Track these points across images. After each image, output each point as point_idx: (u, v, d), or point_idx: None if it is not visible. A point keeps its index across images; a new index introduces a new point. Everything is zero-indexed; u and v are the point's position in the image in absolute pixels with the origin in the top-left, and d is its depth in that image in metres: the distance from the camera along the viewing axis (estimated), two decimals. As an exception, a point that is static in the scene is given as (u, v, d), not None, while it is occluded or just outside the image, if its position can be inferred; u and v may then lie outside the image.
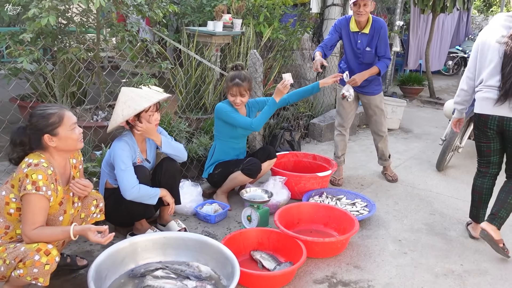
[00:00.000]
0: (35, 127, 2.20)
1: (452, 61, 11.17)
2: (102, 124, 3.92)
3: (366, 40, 3.88)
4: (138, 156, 2.95)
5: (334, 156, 4.37)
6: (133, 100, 2.78)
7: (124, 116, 2.76)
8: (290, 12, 6.61)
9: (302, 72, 6.46)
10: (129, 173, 2.74)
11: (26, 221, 2.13)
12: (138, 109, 2.77)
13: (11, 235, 2.22)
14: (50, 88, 4.37)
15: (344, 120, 4.25)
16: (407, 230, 3.43)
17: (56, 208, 2.29)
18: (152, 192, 2.79)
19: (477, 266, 2.98)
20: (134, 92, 2.85)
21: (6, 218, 2.21)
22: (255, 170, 3.54)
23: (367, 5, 3.70)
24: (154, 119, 2.87)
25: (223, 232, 3.24)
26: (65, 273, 2.61)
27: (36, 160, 2.18)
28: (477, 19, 14.42)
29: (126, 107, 2.77)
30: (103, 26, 4.18)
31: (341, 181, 4.27)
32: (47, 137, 2.21)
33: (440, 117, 7.07)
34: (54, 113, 2.23)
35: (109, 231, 2.26)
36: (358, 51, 3.92)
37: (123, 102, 2.80)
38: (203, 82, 4.91)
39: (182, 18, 5.84)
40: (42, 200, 2.15)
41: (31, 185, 2.12)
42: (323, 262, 2.91)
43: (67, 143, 2.27)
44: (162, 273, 2.52)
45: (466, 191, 4.24)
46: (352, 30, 3.90)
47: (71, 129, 2.27)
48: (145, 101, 2.79)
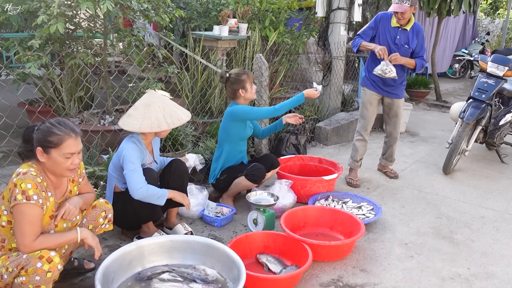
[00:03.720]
0: (37, 135, 2.16)
1: (458, 64, 11.12)
2: (109, 128, 3.95)
3: (405, 37, 3.98)
4: (147, 158, 2.98)
5: (352, 160, 4.38)
6: (171, 109, 2.87)
7: (169, 124, 2.83)
8: (296, 16, 6.64)
9: (307, 76, 6.47)
10: (138, 173, 2.76)
11: (23, 233, 2.07)
12: (182, 122, 2.89)
13: (8, 248, 2.20)
14: (58, 92, 4.42)
15: (368, 123, 4.29)
16: (414, 233, 3.42)
17: (47, 221, 2.23)
18: (160, 192, 2.80)
19: (484, 270, 2.97)
20: (167, 100, 2.93)
21: (1, 231, 2.18)
22: (259, 176, 3.55)
23: (405, 13, 3.86)
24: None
25: (229, 236, 3.25)
26: (72, 276, 2.63)
27: (26, 169, 2.15)
28: (484, 22, 14.35)
29: (168, 116, 2.83)
30: (110, 31, 4.23)
31: (358, 182, 4.32)
32: (40, 150, 2.16)
33: (446, 120, 7.05)
34: (57, 135, 2.15)
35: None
36: (395, 47, 3.99)
37: (162, 109, 2.83)
38: (209, 86, 4.94)
39: (188, 22, 5.88)
40: (35, 209, 2.10)
41: (21, 194, 2.06)
42: (329, 266, 2.91)
43: (55, 167, 2.20)
44: (169, 276, 2.54)
45: (472, 194, 4.23)
46: (393, 25, 3.99)
47: (64, 157, 2.17)
48: (183, 115, 2.92)
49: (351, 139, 5.85)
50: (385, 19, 4.03)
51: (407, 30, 3.99)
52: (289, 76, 6.14)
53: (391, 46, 3.99)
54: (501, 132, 5.05)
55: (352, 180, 4.29)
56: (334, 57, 6.07)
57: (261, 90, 4.40)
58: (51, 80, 4.40)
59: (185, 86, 4.82)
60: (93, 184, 3.14)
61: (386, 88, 4.15)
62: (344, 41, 6.12)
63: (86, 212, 2.52)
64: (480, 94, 4.65)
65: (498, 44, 13.43)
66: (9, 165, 3.37)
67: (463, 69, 11.34)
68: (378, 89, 4.17)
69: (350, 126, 5.82)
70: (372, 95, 4.20)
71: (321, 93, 6.27)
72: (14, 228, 2.11)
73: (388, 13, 4.04)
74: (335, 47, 6.05)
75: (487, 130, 4.87)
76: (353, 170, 4.37)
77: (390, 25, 4.00)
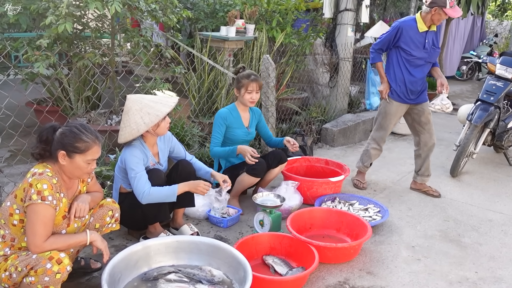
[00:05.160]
0: (62, 139, 2.18)
1: (466, 66, 11.06)
2: (116, 128, 3.95)
3: (433, 37, 3.87)
4: (150, 160, 2.95)
5: (362, 164, 4.28)
6: (149, 107, 2.77)
7: (147, 124, 2.73)
8: (303, 17, 6.62)
9: (314, 77, 6.46)
10: (140, 179, 2.73)
11: (35, 232, 2.09)
12: (161, 116, 2.76)
13: (18, 247, 2.21)
14: (66, 92, 4.44)
15: (387, 134, 4.17)
16: (421, 236, 3.40)
17: (59, 221, 2.26)
18: (166, 192, 2.76)
19: (492, 274, 2.94)
20: (146, 99, 2.83)
21: (11, 230, 2.19)
22: (260, 169, 3.52)
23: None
24: (167, 122, 2.89)
25: (235, 237, 3.24)
26: (79, 275, 2.64)
27: (41, 169, 2.17)
28: (492, 23, 14.27)
29: (146, 115, 2.74)
30: (118, 31, 4.24)
31: (365, 185, 4.28)
32: (62, 154, 2.18)
33: (454, 123, 7.00)
34: (85, 142, 2.19)
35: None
36: (425, 52, 3.85)
37: (139, 110, 2.76)
38: (215, 87, 4.94)
39: (196, 23, 5.89)
40: (49, 209, 2.12)
41: (37, 194, 2.08)
42: (335, 268, 2.90)
43: (75, 171, 2.24)
44: (175, 277, 2.54)
45: (480, 197, 4.20)
46: (421, 30, 3.79)
47: (87, 162, 2.23)
48: (164, 106, 2.78)
49: (357, 140, 5.84)
50: (409, 28, 3.77)
51: (434, 30, 3.86)
52: (296, 77, 6.13)
53: (421, 53, 3.82)
54: (510, 135, 5.00)
55: (359, 182, 4.26)
56: (341, 59, 6.05)
57: (268, 91, 4.40)
58: (59, 80, 4.42)
59: (192, 87, 4.82)
60: (100, 183, 3.14)
61: (413, 96, 3.97)
62: (351, 43, 6.10)
63: (94, 211, 2.53)
64: (489, 96, 4.62)
65: (506, 46, 13.36)
66: (17, 164, 3.39)
67: (471, 71, 11.28)
68: (406, 99, 3.98)
69: (357, 128, 5.80)
70: (399, 106, 4.01)
71: (328, 94, 6.29)
72: (26, 227, 2.12)
73: (408, 20, 3.83)
74: (342, 48, 6.03)
75: (495, 132, 4.84)
76: (361, 173, 4.33)
77: (418, 31, 3.78)
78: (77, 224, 2.37)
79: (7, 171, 3.52)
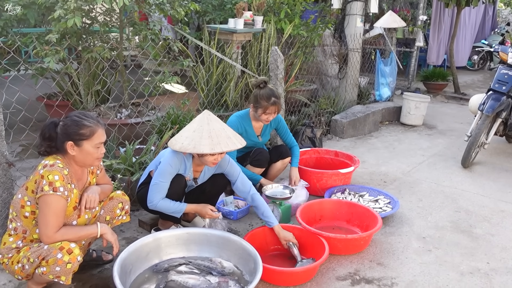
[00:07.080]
0: (65, 130, 2.19)
1: (477, 55, 10.91)
2: (126, 121, 3.98)
3: None
4: (188, 175, 2.88)
5: None
6: (199, 138, 2.62)
7: (181, 149, 2.62)
8: (311, 8, 6.58)
9: (323, 69, 6.42)
10: (157, 188, 2.70)
11: (47, 223, 2.11)
12: (200, 151, 2.61)
13: (29, 239, 2.24)
14: (75, 87, 4.47)
15: None
16: (432, 227, 3.38)
17: (70, 212, 2.27)
18: (176, 209, 2.75)
19: (504, 264, 2.92)
20: (209, 125, 2.68)
21: (23, 222, 2.22)
22: (263, 160, 3.54)
23: None
24: (215, 159, 2.73)
25: (245, 228, 3.25)
26: (91, 267, 2.67)
27: (52, 161, 2.18)
28: (504, 12, 14.04)
29: (189, 141, 2.62)
30: (126, 25, 4.25)
31: None
32: (70, 144, 2.19)
33: (465, 113, 6.93)
34: (88, 127, 2.20)
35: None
36: None
37: (192, 131, 2.66)
38: (224, 80, 4.94)
39: (203, 16, 5.89)
40: (60, 200, 2.14)
41: (48, 186, 2.10)
42: (345, 259, 2.90)
43: (86, 157, 2.24)
44: (186, 268, 2.55)
45: (492, 188, 4.16)
46: None
47: (96, 147, 2.24)
48: (207, 147, 2.61)
49: (367, 132, 5.81)
50: None
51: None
52: (304, 68, 6.10)
53: None
54: (522, 125, 4.94)
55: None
56: (350, 50, 6.00)
57: (277, 83, 4.39)
58: (68, 74, 4.45)
59: (200, 80, 4.82)
60: (110, 177, 3.16)
61: None
62: (360, 33, 6.04)
63: (104, 204, 2.55)
64: (501, 86, 4.55)
65: (518, 35, 13.12)
66: (28, 158, 3.42)
67: (482, 60, 11.12)
68: None
69: (367, 119, 5.76)
70: None
71: (337, 86, 6.26)
72: (38, 218, 2.15)
73: None
74: (351, 39, 5.98)
75: (507, 122, 4.78)
76: None
77: None
78: (88, 215, 2.39)
79: (18, 165, 3.55)
